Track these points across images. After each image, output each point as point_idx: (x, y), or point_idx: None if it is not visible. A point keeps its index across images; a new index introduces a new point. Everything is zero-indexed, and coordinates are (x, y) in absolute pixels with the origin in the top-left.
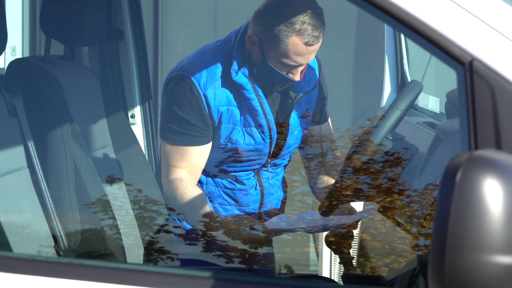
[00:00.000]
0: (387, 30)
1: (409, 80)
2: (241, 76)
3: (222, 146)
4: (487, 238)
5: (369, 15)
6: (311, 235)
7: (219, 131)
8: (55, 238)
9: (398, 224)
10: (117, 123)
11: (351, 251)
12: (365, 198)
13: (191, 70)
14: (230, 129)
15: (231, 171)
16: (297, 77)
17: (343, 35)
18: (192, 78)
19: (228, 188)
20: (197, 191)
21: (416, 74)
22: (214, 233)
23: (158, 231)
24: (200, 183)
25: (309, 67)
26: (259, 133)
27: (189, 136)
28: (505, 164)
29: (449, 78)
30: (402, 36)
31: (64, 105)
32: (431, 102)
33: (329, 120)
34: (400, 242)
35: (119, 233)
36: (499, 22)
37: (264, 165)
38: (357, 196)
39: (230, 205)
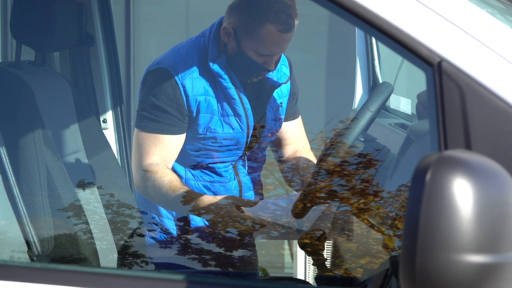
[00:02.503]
0: (358, 32)
1: (380, 82)
2: (217, 66)
3: (201, 136)
4: (457, 238)
5: (339, 17)
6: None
7: (198, 121)
8: (28, 243)
9: (371, 225)
10: (89, 128)
11: (324, 252)
12: (338, 200)
13: (168, 63)
14: (209, 119)
15: (209, 162)
16: (272, 67)
17: (314, 38)
18: (169, 69)
19: (207, 181)
20: (175, 175)
21: (388, 76)
22: (196, 219)
23: (132, 235)
24: (179, 177)
25: (281, 62)
26: (237, 121)
27: (164, 125)
28: (474, 164)
29: (420, 79)
30: (373, 38)
31: (35, 111)
32: (402, 103)
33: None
34: (373, 243)
35: (92, 238)
36: (467, 23)
37: (241, 157)
38: (330, 198)
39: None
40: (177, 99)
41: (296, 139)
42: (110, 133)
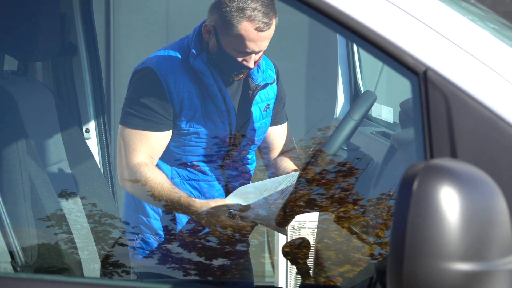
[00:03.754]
0: (340, 40)
1: (362, 91)
2: (199, 62)
3: (184, 132)
4: (444, 246)
5: (323, 26)
6: (265, 246)
7: (181, 117)
8: (11, 253)
9: (355, 234)
10: (72, 138)
11: (307, 261)
12: (322, 208)
13: (152, 62)
14: (191, 115)
15: (194, 160)
16: (251, 64)
17: (296, 46)
18: (153, 67)
19: (193, 180)
20: (164, 175)
21: (369, 85)
22: (183, 220)
23: (114, 245)
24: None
25: (267, 66)
26: (220, 118)
27: (149, 121)
28: (461, 173)
29: (401, 88)
30: (355, 47)
31: (18, 121)
32: (384, 112)
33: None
34: (357, 251)
35: (75, 248)
36: (452, 32)
37: (227, 156)
38: (314, 206)
39: (194, 196)
40: (161, 96)
41: (283, 144)
42: (92, 143)
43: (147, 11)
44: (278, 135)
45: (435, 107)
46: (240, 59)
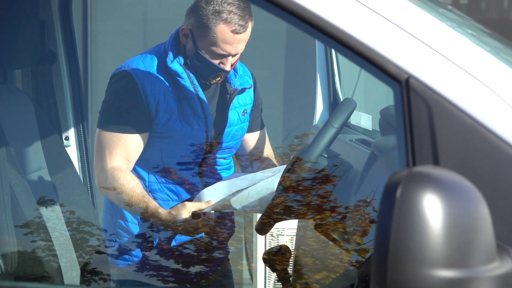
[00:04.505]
0: (319, 48)
1: (341, 98)
2: (176, 65)
3: (160, 135)
4: (428, 253)
5: (304, 34)
6: (243, 253)
7: (157, 120)
8: None
9: (336, 241)
10: (52, 145)
11: (287, 268)
12: (302, 215)
13: (129, 66)
14: (168, 118)
15: (170, 164)
16: (227, 67)
17: (274, 54)
18: (130, 70)
19: (170, 183)
20: (137, 181)
21: (348, 92)
22: (155, 228)
23: (94, 252)
24: (142, 180)
25: (244, 72)
26: (196, 120)
27: (126, 124)
28: (444, 180)
29: (379, 95)
30: (334, 54)
31: None
32: (363, 119)
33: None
34: (336, 258)
35: (55, 256)
36: (434, 40)
37: (203, 160)
38: (294, 213)
39: (172, 200)
40: (137, 98)
41: (261, 151)
42: (72, 151)
43: (125, 19)
44: (255, 142)
45: (417, 114)
46: (217, 62)
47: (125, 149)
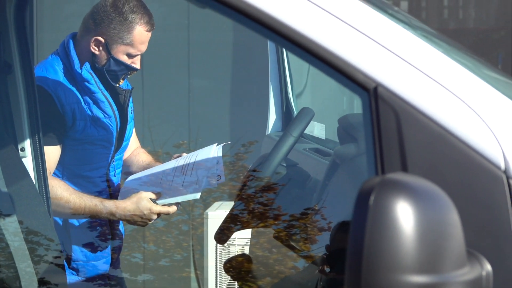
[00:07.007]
0: (271, 58)
1: (294, 108)
2: (84, 71)
3: (79, 142)
4: (401, 259)
5: (254, 44)
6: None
7: (75, 128)
8: None
9: (296, 249)
10: (8, 156)
11: (239, 278)
12: (264, 224)
13: (38, 79)
14: (84, 124)
15: (86, 170)
16: (138, 65)
17: (228, 64)
18: (40, 84)
19: (85, 190)
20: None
21: (301, 102)
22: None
23: (52, 263)
24: None
25: None
26: (109, 123)
27: (45, 136)
28: (416, 187)
29: (331, 104)
30: (286, 64)
31: None
32: (316, 128)
33: None
34: (294, 267)
35: (14, 267)
36: (401, 49)
37: (113, 159)
38: (255, 221)
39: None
40: (53, 109)
41: (134, 141)
42: (28, 161)
43: (69, 30)
44: (132, 135)
45: (385, 122)
46: (130, 62)
47: (51, 161)
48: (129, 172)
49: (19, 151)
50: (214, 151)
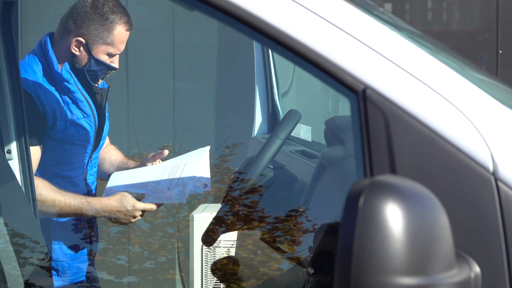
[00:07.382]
0: (257, 60)
1: (280, 110)
2: (63, 72)
3: (60, 142)
4: (390, 261)
5: (240, 46)
6: (176, 261)
7: (55, 128)
8: None
9: (283, 251)
10: None
11: (225, 279)
12: (251, 226)
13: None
14: (64, 124)
15: (68, 169)
16: (117, 64)
17: (214, 66)
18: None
19: (72, 189)
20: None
21: (287, 104)
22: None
23: (38, 266)
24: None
25: None
26: (88, 122)
27: (30, 138)
28: (405, 189)
29: (316, 107)
30: (272, 66)
31: None
32: (303, 131)
33: None
34: (285, 269)
35: (2, 271)
36: (389, 50)
37: (90, 158)
38: (242, 223)
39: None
40: (34, 110)
41: (109, 143)
42: (14, 164)
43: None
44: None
45: (374, 124)
46: (109, 61)
47: (33, 162)
48: (103, 171)
49: (6, 154)
50: (202, 156)
